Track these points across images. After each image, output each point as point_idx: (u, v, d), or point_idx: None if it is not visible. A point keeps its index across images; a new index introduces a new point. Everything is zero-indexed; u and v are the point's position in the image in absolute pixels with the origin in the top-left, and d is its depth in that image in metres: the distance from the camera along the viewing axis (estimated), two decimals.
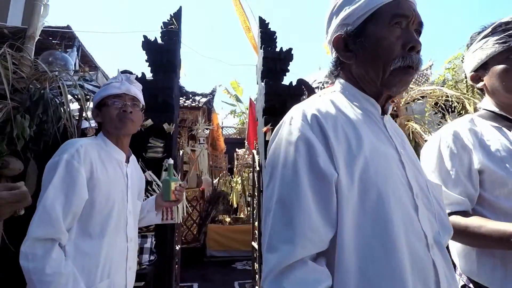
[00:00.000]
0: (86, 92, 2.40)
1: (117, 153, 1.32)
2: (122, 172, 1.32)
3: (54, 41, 5.29)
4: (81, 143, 1.18)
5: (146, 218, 1.54)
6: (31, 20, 2.39)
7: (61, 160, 1.11)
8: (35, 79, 2.16)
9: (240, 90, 13.31)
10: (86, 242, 1.14)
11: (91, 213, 1.16)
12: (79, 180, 1.11)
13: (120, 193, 1.27)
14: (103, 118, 1.32)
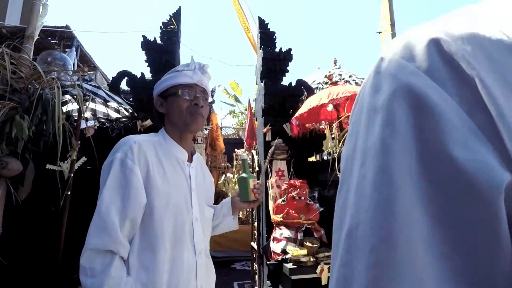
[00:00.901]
0: (85, 92, 2.39)
1: (178, 151, 1.14)
2: (184, 172, 1.13)
3: (53, 41, 5.27)
4: (135, 139, 1.03)
5: (222, 224, 1.33)
6: (30, 20, 2.38)
7: (114, 160, 0.98)
8: (34, 79, 2.15)
9: (239, 90, 13.30)
10: (148, 256, 0.98)
11: (151, 220, 1.00)
12: (134, 181, 0.97)
13: (183, 197, 1.09)
14: (168, 110, 1.15)
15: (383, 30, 3.14)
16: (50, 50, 4.38)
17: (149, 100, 3.55)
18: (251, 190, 1.23)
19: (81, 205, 2.94)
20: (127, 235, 0.96)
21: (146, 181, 1.01)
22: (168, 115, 1.16)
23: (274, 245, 2.96)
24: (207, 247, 1.17)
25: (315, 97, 3.08)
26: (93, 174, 3.12)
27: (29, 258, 2.90)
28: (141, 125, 3.41)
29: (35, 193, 2.46)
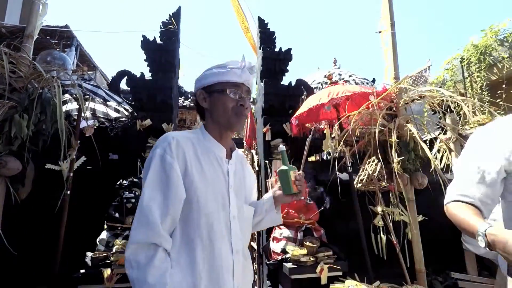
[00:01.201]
0: (85, 92, 2.39)
1: (216, 148, 1.12)
2: (222, 169, 1.11)
3: (52, 40, 5.27)
4: (173, 135, 1.03)
5: (265, 219, 1.28)
6: (30, 19, 2.38)
7: (154, 156, 0.98)
8: (34, 79, 2.15)
9: None
10: (186, 252, 0.99)
11: (189, 217, 1.00)
12: (174, 176, 0.97)
13: (220, 194, 1.07)
14: (212, 106, 1.12)
15: (383, 30, 3.14)
16: (50, 50, 4.38)
17: (148, 99, 3.55)
18: (292, 183, 1.17)
19: (81, 204, 2.95)
20: (168, 230, 0.96)
21: (184, 178, 1.00)
22: (211, 111, 1.13)
23: (274, 245, 2.96)
24: (245, 247, 1.14)
25: (315, 97, 3.08)
26: (92, 174, 3.13)
27: (28, 258, 2.90)
28: (140, 125, 3.41)
29: (35, 193, 2.46)
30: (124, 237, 2.59)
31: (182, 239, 0.99)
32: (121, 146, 3.53)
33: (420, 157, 2.68)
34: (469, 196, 1.07)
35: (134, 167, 3.28)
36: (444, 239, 3.27)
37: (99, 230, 2.68)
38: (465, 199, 1.07)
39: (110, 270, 2.26)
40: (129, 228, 2.65)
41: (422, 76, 5.04)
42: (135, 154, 3.37)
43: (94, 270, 2.28)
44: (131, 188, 2.86)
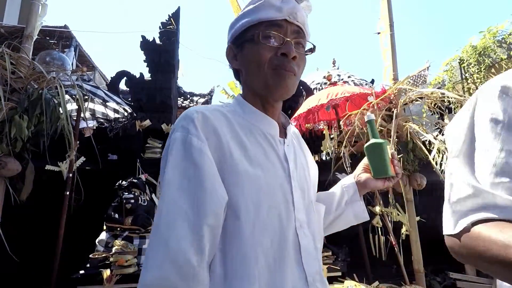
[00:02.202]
0: (85, 92, 2.39)
1: (264, 123, 0.74)
2: (277, 153, 0.72)
3: (51, 40, 5.26)
4: (197, 109, 0.67)
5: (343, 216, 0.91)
6: (29, 20, 2.38)
7: (173, 142, 0.63)
8: (34, 80, 2.15)
9: (237, 90, 13.30)
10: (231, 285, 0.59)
11: (235, 231, 0.61)
12: (207, 166, 0.60)
13: (279, 191, 0.68)
14: (243, 64, 0.75)
15: (382, 31, 3.15)
16: (49, 50, 4.37)
17: (148, 100, 3.56)
18: (390, 161, 0.86)
19: (80, 205, 2.95)
20: (204, 255, 0.55)
21: (220, 169, 0.62)
22: (243, 72, 0.77)
23: None
24: (321, 268, 0.73)
25: (314, 98, 3.08)
26: (91, 174, 3.13)
27: (28, 258, 2.90)
28: (139, 125, 3.41)
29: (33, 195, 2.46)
30: (124, 237, 2.60)
31: (227, 265, 0.60)
32: (120, 147, 3.53)
33: (419, 157, 2.70)
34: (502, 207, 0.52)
35: (133, 168, 3.28)
36: (443, 239, 3.28)
37: (98, 231, 2.68)
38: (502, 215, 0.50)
39: (109, 271, 2.26)
40: (128, 229, 2.66)
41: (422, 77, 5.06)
42: (135, 155, 3.37)
43: (94, 271, 2.28)
44: (130, 188, 2.86)
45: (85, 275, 2.26)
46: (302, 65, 0.75)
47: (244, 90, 0.79)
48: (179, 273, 0.52)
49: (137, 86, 3.57)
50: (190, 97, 7.49)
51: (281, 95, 0.73)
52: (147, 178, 3.23)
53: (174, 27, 3.93)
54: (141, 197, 2.88)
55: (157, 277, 0.52)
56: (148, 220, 2.82)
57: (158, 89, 3.56)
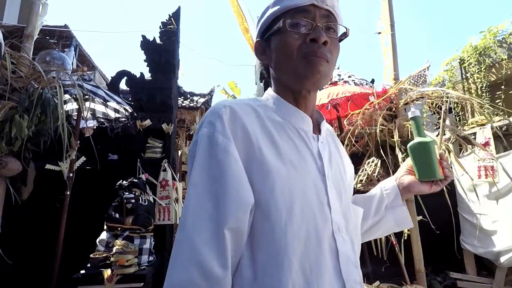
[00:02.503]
0: (85, 92, 2.38)
1: (296, 117, 0.69)
2: (311, 151, 0.67)
3: (52, 40, 5.25)
4: (225, 103, 0.63)
5: (383, 222, 0.83)
6: (29, 19, 2.37)
7: (199, 140, 0.60)
8: (34, 79, 2.14)
9: (237, 90, 13.29)
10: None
11: (264, 234, 0.57)
12: (232, 166, 0.56)
13: (313, 192, 0.62)
14: (271, 58, 0.71)
15: (383, 31, 3.14)
16: (49, 50, 4.36)
17: (148, 99, 3.55)
18: (438, 162, 0.77)
19: (81, 205, 2.94)
20: (228, 261, 0.52)
21: (248, 166, 0.58)
22: (272, 67, 0.72)
23: None
24: (361, 278, 0.67)
25: None
26: (92, 174, 3.12)
27: (28, 258, 2.89)
28: (140, 125, 3.41)
29: (34, 195, 2.46)
30: (124, 237, 2.59)
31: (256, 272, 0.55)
32: (120, 147, 3.52)
33: None
34: None
35: (133, 168, 3.28)
36: (443, 239, 3.28)
37: (98, 231, 2.68)
38: None
39: (110, 271, 2.25)
40: (129, 229, 2.65)
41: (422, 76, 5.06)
42: (135, 155, 3.36)
43: (94, 271, 2.28)
44: (130, 188, 2.86)
45: (86, 275, 2.26)
46: (335, 52, 0.68)
47: (274, 85, 0.74)
48: (202, 276, 0.50)
49: (138, 85, 3.56)
50: (190, 97, 7.48)
51: (313, 85, 0.66)
52: (147, 178, 3.22)
53: (175, 26, 3.93)
54: (141, 197, 2.88)
55: (182, 279, 0.50)
56: (148, 220, 2.81)
57: (159, 89, 3.56)
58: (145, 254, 2.66)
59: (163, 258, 3.16)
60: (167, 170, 3.37)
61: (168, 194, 3.33)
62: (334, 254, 0.61)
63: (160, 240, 3.18)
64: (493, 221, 3.15)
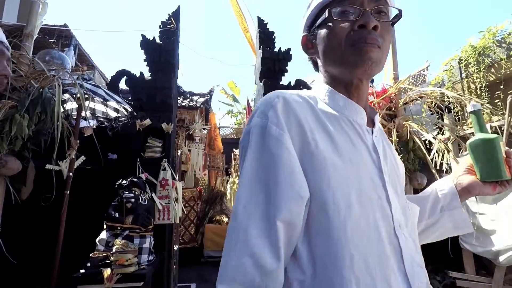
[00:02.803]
0: (85, 91, 2.38)
1: (350, 110, 0.66)
2: (366, 144, 0.64)
3: (51, 39, 5.25)
4: (278, 93, 0.61)
5: (439, 225, 0.78)
6: (29, 18, 2.37)
7: (251, 130, 0.58)
8: (34, 78, 2.14)
9: (237, 90, 13.32)
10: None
11: (321, 231, 0.54)
12: (285, 157, 0.54)
13: (370, 183, 0.59)
14: (319, 51, 0.68)
15: None
16: (48, 49, 4.36)
17: (148, 99, 3.55)
18: (504, 161, 0.69)
19: (81, 204, 2.94)
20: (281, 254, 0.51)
21: (303, 159, 0.56)
22: (321, 60, 0.69)
23: None
24: (428, 280, 0.62)
25: None
26: (92, 173, 3.12)
27: (28, 258, 2.89)
28: (140, 125, 3.41)
29: (34, 194, 2.46)
30: (124, 237, 2.59)
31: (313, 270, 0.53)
32: (120, 146, 3.52)
33: (419, 157, 2.70)
34: None
35: (133, 167, 3.28)
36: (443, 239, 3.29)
37: (98, 230, 2.68)
38: None
39: (110, 270, 2.25)
40: (128, 228, 2.65)
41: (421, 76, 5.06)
42: (135, 154, 3.36)
43: (94, 270, 2.28)
44: (130, 188, 2.86)
45: (86, 274, 2.26)
46: (388, 36, 0.64)
47: (324, 77, 0.71)
48: (255, 266, 0.49)
49: (137, 85, 3.56)
50: (190, 97, 7.48)
51: (365, 73, 0.62)
52: (147, 177, 3.22)
53: (175, 26, 3.93)
54: (141, 196, 2.88)
55: (235, 267, 0.50)
56: (148, 219, 2.81)
57: (159, 89, 3.56)
58: (145, 253, 2.66)
59: (162, 257, 3.16)
60: (167, 169, 3.37)
61: (168, 193, 3.33)
62: (397, 253, 0.56)
63: (160, 240, 3.18)
64: (492, 220, 3.16)
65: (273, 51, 4.03)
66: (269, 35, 4.25)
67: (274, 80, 3.95)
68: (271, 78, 3.95)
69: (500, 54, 4.08)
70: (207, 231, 6.17)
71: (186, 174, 6.55)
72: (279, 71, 4.01)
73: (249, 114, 5.01)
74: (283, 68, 4.03)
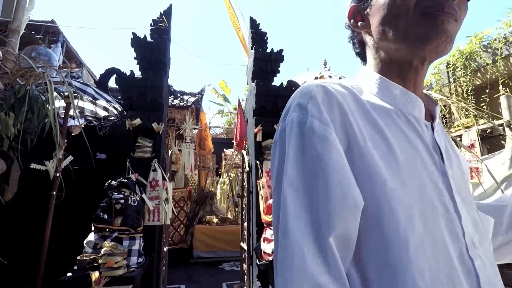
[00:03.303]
0: (75, 90, 2.32)
1: (404, 101, 0.54)
2: (425, 143, 0.52)
3: (37, 35, 5.10)
4: (316, 82, 0.50)
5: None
6: (16, 13, 2.29)
7: (289, 127, 0.48)
8: (21, 75, 2.07)
9: (228, 90, 13.27)
10: None
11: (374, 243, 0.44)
12: (332, 158, 0.44)
13: (433, 192, 0.47)
14: (372, 23, 0.56)
15: None
16: (34, 45, 4.24)
17: (138, 98, 3.49)
18: None
19: (68, 205, 2.87)
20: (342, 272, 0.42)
21: (350, 160, 0.46)
22: (372, 35, 0.56)
23: (265, 246, 2.96)
24: None
25: None
26: (79, 174, 3.05)
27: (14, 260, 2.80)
28: (130, 124, 3.35)
29: (18, 195, 2.38)
30: (113, 239, 2.54)
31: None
32: (109, 146, 3.45)
33: None
34: None
35: (122, 168, 3.21)
36: None
37: (86, 232, 2.62)
38: None
39: (98, 273, 2.21)
40: (117, 230, 2.60)
41: None
42: (124, 154, 3.30)
43: (81, 273, 2.22)
44: (120, 188, 2.81)
45: (73, 277, 2.20)
46: (464, 12, 0.52)
47: (372, 60, 0.58)
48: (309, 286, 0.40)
49: (128, 84, 3.50)
50: (180, 96, 7.40)
51: (436, 50, 0.50)
52: (137, 178, 3.17)
53: (166, 24, 3.87)
54: (131, 197, 2.83)
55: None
56: (138, 220, 2.77)
57: (149, 87, 3.50)
58: (134, 255, 2.61)
59: (152, 259, 3.12)
60: (157, 170, 3.32)
61: (158, 194, 3.29)
62: (472, 279, 0.43)
63: (149, 241, 3.14)
64: None
65: (265, 51, 4.03)
66: (262, 35, 4.24)
67: (266, 80, 3.95)
68: (263, 79, 3.94)
69: (486, 59, 4.18)
70: (197, 232, 6.12)
71: (176, 174, 6.47)
72: (271, 71, 4.01)
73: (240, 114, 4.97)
74: (275, 69, 4.03)
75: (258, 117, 3.80)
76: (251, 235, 3.61)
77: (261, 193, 3.41)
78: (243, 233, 4.21)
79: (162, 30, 3.81)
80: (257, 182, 3.53)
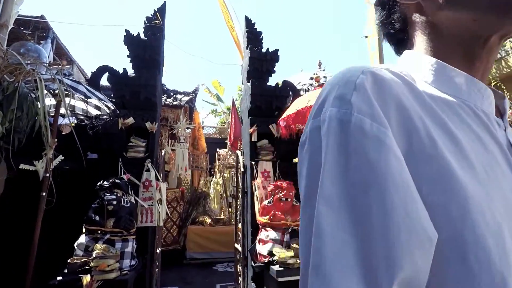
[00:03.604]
0: (66, 88, 2.25)
1: (472, 93, 0.41)
2: (500, 145, 0.39)
3: (26, 31, 4.96)
4: (360, 67, 0.35)
5: None
6: (4, 7, 2.21)
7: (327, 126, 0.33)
8: (9, 72, 2.00)
9: (221, 89, 13.21)
10: None
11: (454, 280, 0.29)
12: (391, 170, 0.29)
13: None
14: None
15: (370, 35, 3.19)
16: (23, 41, 4.11)
17: (131, 97, 3.42)
18: None
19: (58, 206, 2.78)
20: None
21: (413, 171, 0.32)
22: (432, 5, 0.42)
23: (260, 247, 2.93)
24: None
25: (303, 99, 3.08)
26: (70, 174, 2.96)
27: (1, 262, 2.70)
28: (122, 123, 3.28)
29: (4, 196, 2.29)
30: (105, 241, 2.48)
31: None
32: (101, 145, 3.38)
33: None
34: None
35: (115, 168, 3.14)
36: None
37: (77, 234, 2.55)
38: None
39: (89, 277, 2.14)
40: (110, 232, 2.54)
41: None
42: (116, 154, 3.23)
43: (72, 277, 2.16)
44: (112, 189, 2.74)
45: (63, 281, 2.14)
46: None
47: (424, 41, 0.44)
48: None
49: (120, 82, 3.42)
50: (174, 95, 7.32)
51: None
52: (129, 179, 3.10)
53: (160, 22, 3.81)
54: (123, 198, 2.76)
55: None
56: (130, 222, 2.70)
57: (143, 86, 3.44)
58: (127, 258, 2.55)
59: (145, 261, 3.05)
60: (151, 170, 3.26)
61: (151, 195, 3.23)
62: None
63: (142, 243, 3.07)
64: None
65: (260, 51, 4.00)
66: (257, 35, 4.21)
67: (261, 80, 3.93)
68: (258, 79, 3.91)
69: None
70: (190, 233, 6.06)
71: (169, 174, 6.39)
72: (267, 71, 3.99)
73: (234, 114, 4.92)
74: (270, 68, 4.00)
75: (253, 117, 3.77)
76: (246, 236, 3.57)
77: (256, 194, 3.39)
78: (237, 234, 4.18)
79: (156, 27, 3.75)
80: (252, 183, 3.50)
